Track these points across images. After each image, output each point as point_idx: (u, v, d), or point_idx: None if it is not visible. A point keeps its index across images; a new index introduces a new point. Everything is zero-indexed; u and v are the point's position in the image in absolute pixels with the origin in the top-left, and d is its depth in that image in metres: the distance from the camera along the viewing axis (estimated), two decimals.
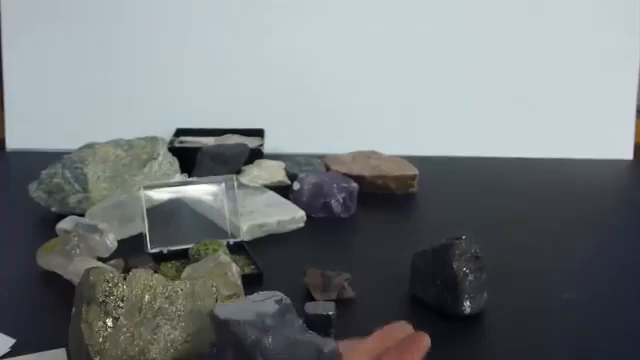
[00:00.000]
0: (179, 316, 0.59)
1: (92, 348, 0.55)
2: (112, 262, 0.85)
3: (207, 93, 1.50)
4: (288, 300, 0.48)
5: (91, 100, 1.47)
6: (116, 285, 0.57)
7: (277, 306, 0.46)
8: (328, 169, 1.23)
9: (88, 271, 0.58)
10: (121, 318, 0.56)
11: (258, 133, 1.39)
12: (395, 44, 1.49)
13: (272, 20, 1.49)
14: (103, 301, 0.56)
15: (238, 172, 1.18)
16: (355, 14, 1.49)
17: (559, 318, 0.78)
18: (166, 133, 1.38)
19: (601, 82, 1.50)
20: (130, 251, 0.90)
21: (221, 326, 0.45)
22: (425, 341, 0.49)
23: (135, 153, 1.09)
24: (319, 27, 1.49)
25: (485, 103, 1.50)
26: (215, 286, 0.63)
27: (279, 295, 0.47)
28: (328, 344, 0.45)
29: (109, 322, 0.56)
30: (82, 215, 0.98)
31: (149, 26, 1.48)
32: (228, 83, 1.49)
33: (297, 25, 1.49)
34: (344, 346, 0.47)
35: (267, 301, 0.46)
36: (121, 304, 0.57)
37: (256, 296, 0.48)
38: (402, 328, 0.51)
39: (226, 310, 0.46)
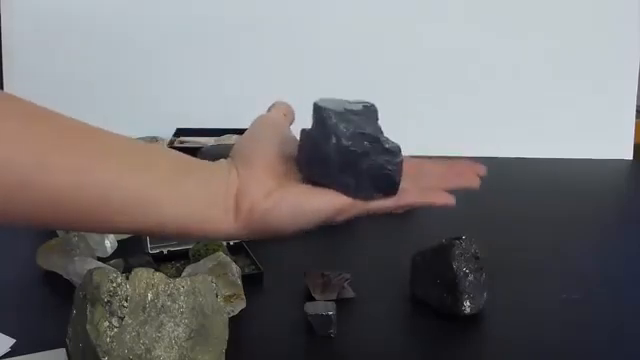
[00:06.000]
0: (182, 313, 0.59)
1: (100, 348, 0.55)
2: (112, 262, 0.85)
3: (207, 93, 1.50)
4: (375, 107, 0.56)
5: (91, 100, 1.47)
6: (120, 285, 0.57)
7: (363, 108, 0.56)
8: None
9: (91, 271, 0.58)
10: (126, 317, 0.56)
11: None
12: (395, 44, 1.49)
13: (273, 19, 1.49)
14: (108, 301, 0.56)
15: None
16: (356, 13, 1.49)
17: (559, 318, 0.78)
18: (166, 133, 1.38)
19: (601, 82, 1.50)
20: (130, 251, 0.90)
21: (315, 110, 0.57)
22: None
23: None
24: (319, 27, 1.49)
25: (485, 103, 1.50)
26: (214, 282, 0.64)
27: (370, 103, 0.56)
28: (394, 145, 0.57)
29: (115, 322, 0.56)
30: None
31: (149, 25, 1.48)
32: (228, 83, 1.49)
33: (298, 25, 1.49)
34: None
35: (357, 104, 0.56)
36: (125, 303, 0.57)
37: (350, 101, 0.58)
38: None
39: (325, 101, 0.57)
